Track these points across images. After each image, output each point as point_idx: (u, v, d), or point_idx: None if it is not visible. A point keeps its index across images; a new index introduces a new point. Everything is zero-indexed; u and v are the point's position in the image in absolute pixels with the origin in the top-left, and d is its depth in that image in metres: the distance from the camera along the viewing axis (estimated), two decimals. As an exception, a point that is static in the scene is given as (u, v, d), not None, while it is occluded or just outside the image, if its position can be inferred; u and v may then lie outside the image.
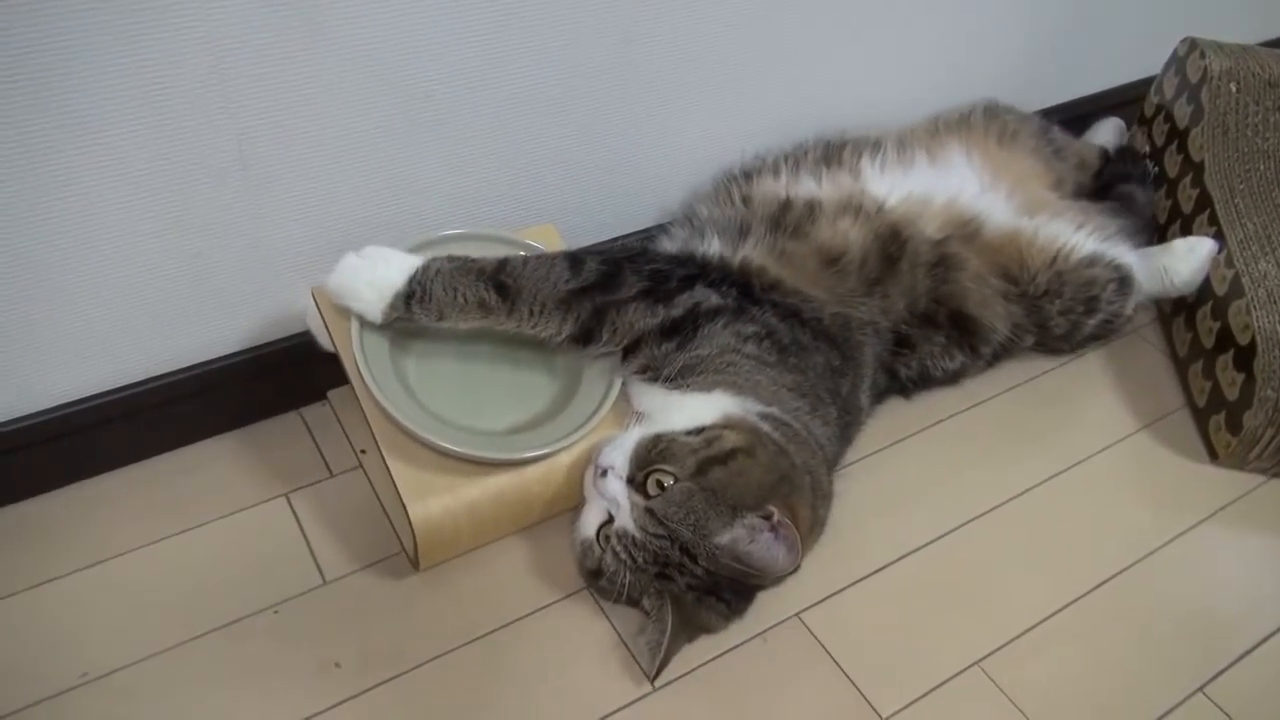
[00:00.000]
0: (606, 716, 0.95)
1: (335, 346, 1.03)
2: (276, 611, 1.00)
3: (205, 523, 1.07)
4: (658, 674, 0.95)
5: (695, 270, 1.10)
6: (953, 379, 1.27)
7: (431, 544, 1.00)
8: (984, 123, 1.42)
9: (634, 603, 0.98)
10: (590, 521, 0.99)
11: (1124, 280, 1.28)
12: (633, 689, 0.97)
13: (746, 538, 0.92)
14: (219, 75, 0.92)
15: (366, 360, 1.00)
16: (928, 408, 1.28)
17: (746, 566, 0.93)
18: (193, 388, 1.11)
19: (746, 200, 1.23)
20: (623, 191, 1.29)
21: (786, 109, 1.35)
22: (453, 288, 1.00)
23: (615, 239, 1.32)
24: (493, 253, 1.10)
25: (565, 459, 1.04)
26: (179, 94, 0.92)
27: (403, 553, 1.06)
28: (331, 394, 1.20)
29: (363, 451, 1.15)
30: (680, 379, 1.03)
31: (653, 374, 1.04)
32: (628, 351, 1.04)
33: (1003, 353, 1.28)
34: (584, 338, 1.03)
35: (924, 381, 1.24)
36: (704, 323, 1.05)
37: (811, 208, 1.20)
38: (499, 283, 1.01)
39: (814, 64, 1.34)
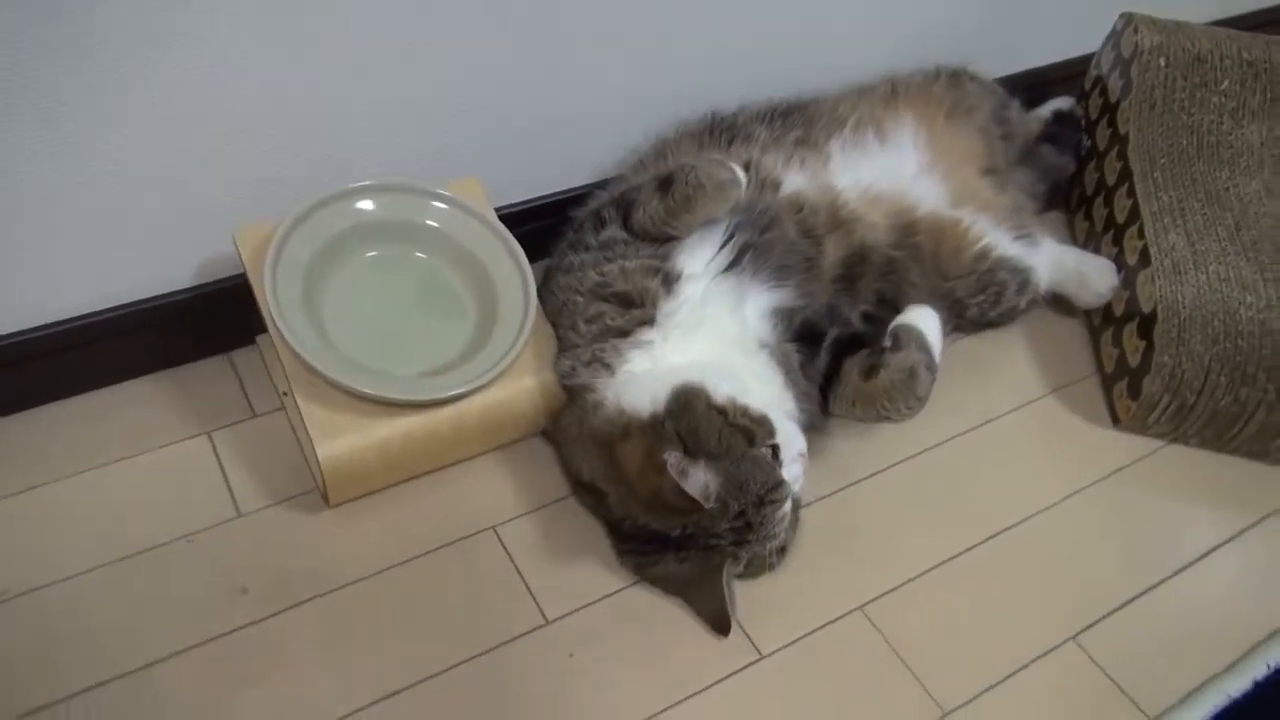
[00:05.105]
0: (506, 642, 1.00)
1: (253, 289, 1.07)
2: (190, 541, 1.04)
3: (129, 456, 1.11)
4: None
5: None
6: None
7: (339, 481, 1.05)
8: (942, 93, 1.44)
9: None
10: (790, 441, 1.04)
11: (1024, 283, 1.34)
12: (534, 621, 1.02)
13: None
14: (139, 18, 0.95)
15: (279, 304, 1.04)
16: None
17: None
18: (124, 326, 1.14)
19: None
20: (550, 147, 1.31)
21: (722, 68, 1.36)
22: None
23: (547, 196, 1.35)
24: (409, 206, 1.14)
25: (478, 401, 1.08)
26: (100, 36, 0.95)
27: (317, 489, 1.10)
28: (260, 338, 1.23)
29: (284, 393, 1.19)
30: None
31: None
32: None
33: None
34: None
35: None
36: None
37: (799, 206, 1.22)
38: None
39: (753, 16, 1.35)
